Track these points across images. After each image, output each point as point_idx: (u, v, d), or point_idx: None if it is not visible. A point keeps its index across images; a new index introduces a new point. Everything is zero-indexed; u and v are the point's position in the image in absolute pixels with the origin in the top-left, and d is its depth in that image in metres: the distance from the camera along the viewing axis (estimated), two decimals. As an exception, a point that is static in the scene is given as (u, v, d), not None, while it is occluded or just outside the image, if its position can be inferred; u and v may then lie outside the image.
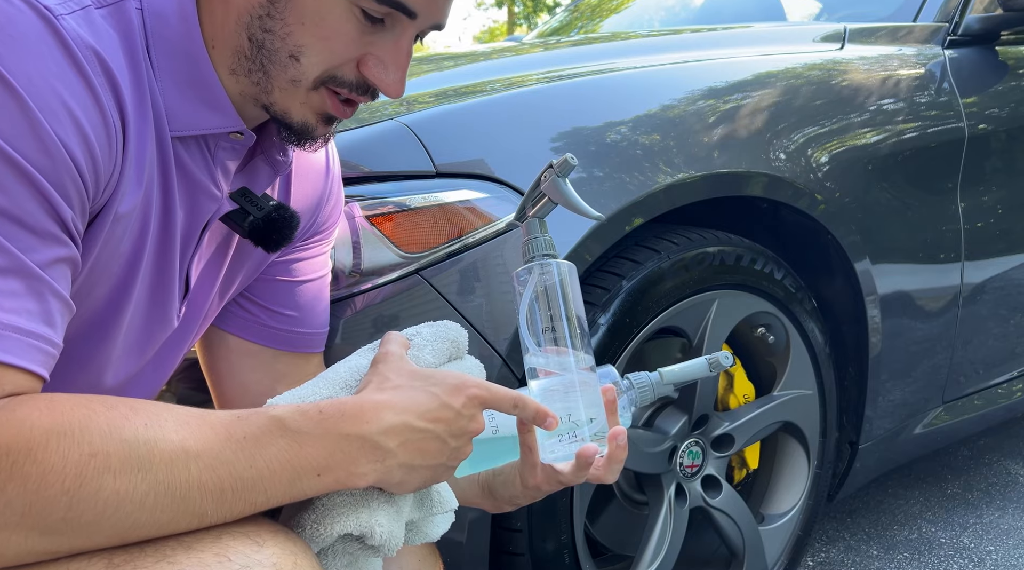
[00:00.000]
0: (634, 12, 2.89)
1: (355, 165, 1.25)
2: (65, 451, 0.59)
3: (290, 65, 0.76)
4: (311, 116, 0.80)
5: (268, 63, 0.76)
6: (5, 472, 0.57)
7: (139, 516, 0.62)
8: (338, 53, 0.76)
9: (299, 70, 0.76)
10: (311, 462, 0.68)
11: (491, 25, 30.56)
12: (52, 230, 0.64)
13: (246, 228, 0.85)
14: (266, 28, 0.75)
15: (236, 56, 0.77)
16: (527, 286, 0.83)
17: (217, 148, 0.80)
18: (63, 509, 0.59)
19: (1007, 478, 2.40)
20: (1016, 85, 2.01)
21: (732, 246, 1.47)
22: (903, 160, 1.73)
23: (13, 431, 0.58)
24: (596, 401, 0.82)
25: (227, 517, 0.66)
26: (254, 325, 1.00)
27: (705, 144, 1.43)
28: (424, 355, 0.83)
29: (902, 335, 1.74)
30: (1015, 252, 1.97)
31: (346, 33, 0.75)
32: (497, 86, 1.46)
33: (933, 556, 1.97)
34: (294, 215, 0.88)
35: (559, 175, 0.85)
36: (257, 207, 0.85)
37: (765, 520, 1.65)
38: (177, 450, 0.63)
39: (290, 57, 0.76)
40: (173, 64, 0.75)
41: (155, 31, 0.74)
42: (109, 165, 0.69)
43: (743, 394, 1.63)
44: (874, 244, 1.65)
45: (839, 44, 1.85)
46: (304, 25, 0.74)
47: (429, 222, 1.22)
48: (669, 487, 1.46)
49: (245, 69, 0.77)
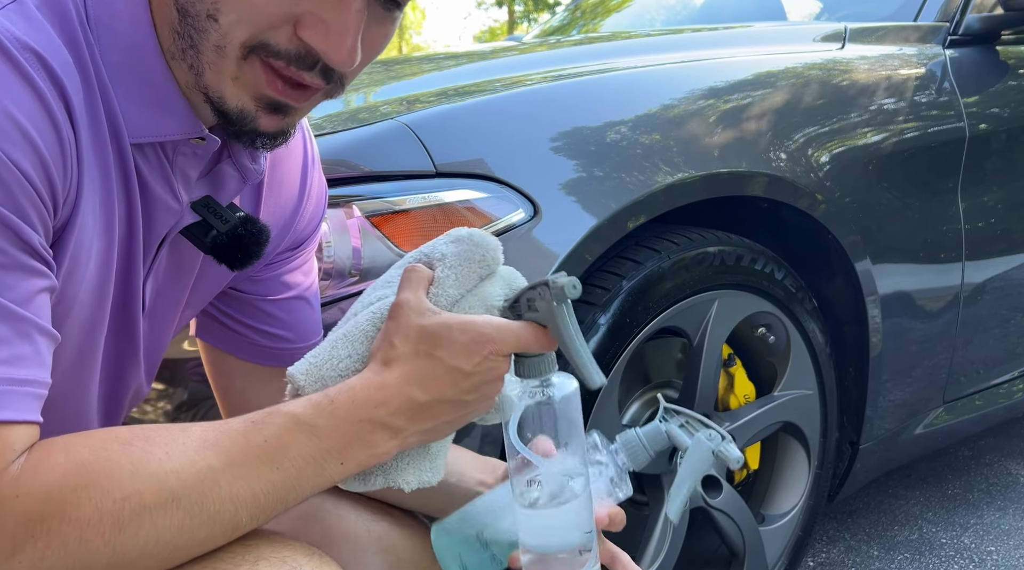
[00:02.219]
0: (634, 12, 2.89)
1: (355, 165, 1.25)
2: (98, 503, 0.57)
3: (210, 28, 0.64)
4: (247, 100, 0.67)
5: (193, 32, 0.65)
6: (43, 540, 0.56)
7: (178, 542, 0.61)
8: (262, 9, 0.63)
9: (220, 33, 0.64)
10: (333, 452, 0.67)
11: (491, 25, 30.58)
12: (23, 261, 0.58)
13: (208, 244, 0.77)
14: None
15: (172, 35, 0.66)
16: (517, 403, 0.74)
17: (176, 154, 0.71)
18: (107, 557, 0.58)
19: (1008, 478, 2.40)
20: (1017, 85, 2.01)
21: (732, 246, 1.47)
22: (904, 160, 1.72)
23: (41, 497, 0.56)
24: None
25: (262, 521, 0.66)
26: (248, 345, 0.94)
27: (705, 144, 1.43)
28: (446, 289, 0.75)
29: (903, 335, 1.73)
30: (1015, 252, 1.97)
31: None
32: (497, 86, 1.46)
33: (934, 556, 1.97)
34: (263, 230, 0.78)
35: (556, 301, 0.69)
36: (222, 220, 0.76)
37: (765, 520, 1.65)
38: (204, 471, 0.61)
39: (208, 17, 0.64)
40: (122, 59, 0.65)
41: (99, 20, 0.64)
42: (65, 179, 0.62)
43: (743, 394, 1.63)
44: (875, 244, 1.64)
45: (840, 44, 1.85)
46: None
47: (429, 222, 1.22)
48: (669, 487, 1.46)
49: (180, 48, 0.66)
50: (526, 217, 1.25)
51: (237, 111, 0.68)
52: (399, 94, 1.49)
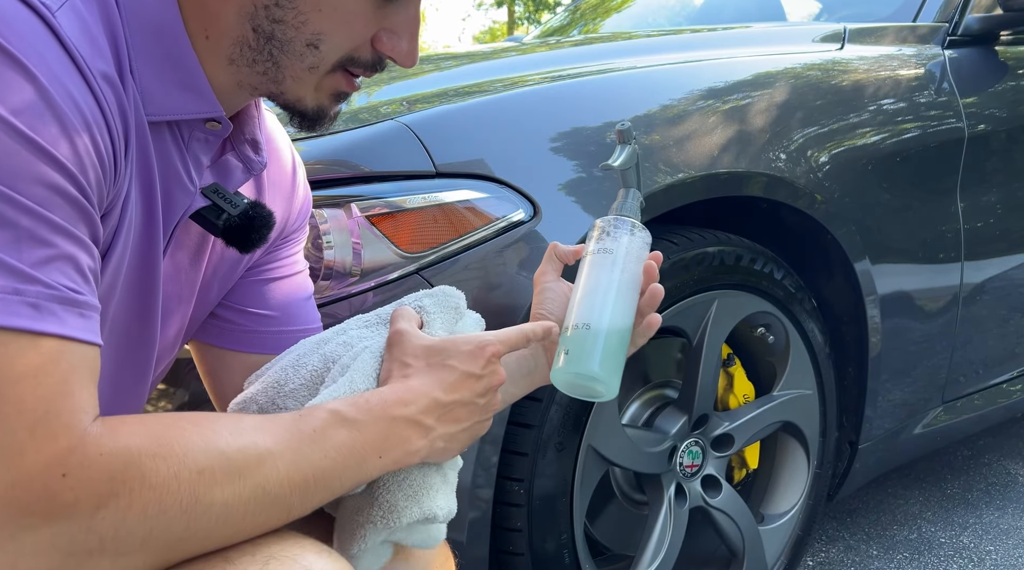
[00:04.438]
0: (634, 12, 2.89)
1: (355, 165, 1.25)
2: (176, 472, 0.60)
3: (308, 53, 0.73)
4: (325, 99, 0.77)
5: (280, 53, 0.73)
6: (125, 500, 0.58)
7: (242, 521, 0.64)
8: (358, 34, 0.74)
9: (318, 57, 0.74)
10: (372, 446, 0.73)
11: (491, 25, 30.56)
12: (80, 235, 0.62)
13: (220, 226, 0.80)
14: (275, 18, 0.72)
15: (237, 46, 0.73)
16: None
17: (191, 138, 0.76)
18: (182, 528, 0.61)
19: (1007, 478, 2.40)
20: (1016, 85, 2.01)
21: (732, 246, 1.47)
22: (903, 160, 1.73)
23: (123, 458, 0.58)
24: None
25: (309, 508, 0.70)
26: (238, 333, 0.96)
27: (705, 144, 1.43)
28: (435, 329, 0.86)
29: (902, 335, 1.74)
30: (1015, 252, 1.97)
31: (364, 13, 0.73)
32: (497, 86, 1.46)
33: (933, 556, 1.97)
34: (271, 214, 0.83)
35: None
36: (232, 204, 0.80)
37: (765, 520, 1.65)
38: (264, 452, 0.65)
39: (308, 46, 0.73)
40: (147, 41, 0.70)
41: (128, 4, 0.69)
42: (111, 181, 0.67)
43: (743, 394, 1.63)
44: (874, 244, 1.65)
45: (839, 44, 1.85)
46: (321, 11, 0.72)
47: (429, 222, 1.22)
48: (669, 487, 1.46)
49: (249, 59, 0.73)
50: (526, 217, 1.26)
51: (316, 109, 0.77)
52: (399, 94, 1.49)
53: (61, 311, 0.58)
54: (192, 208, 0.79)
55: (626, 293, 0.91)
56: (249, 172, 0.84)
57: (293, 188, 0.96)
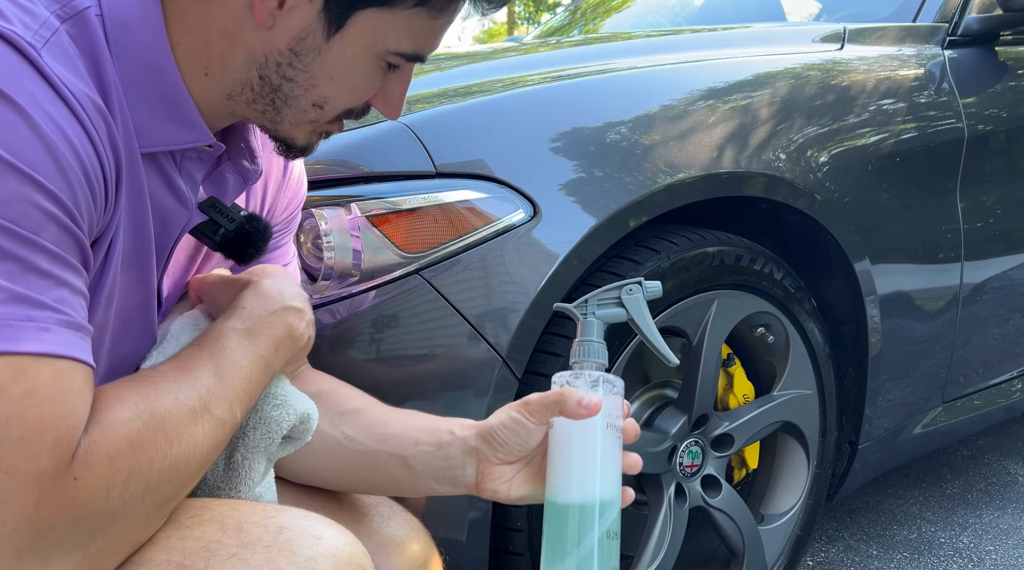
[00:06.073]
0: (634, 12, 2.89)
1: (355, 165, 1.25)
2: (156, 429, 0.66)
3: (311, 111, 0.77)
4: (314, 137, 0.82)
5: (283, 104, 0.76)
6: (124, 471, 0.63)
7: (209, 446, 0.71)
8: (361, 98, 0.79)
9: (321, 114, 0.78)
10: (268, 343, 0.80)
11: (491, 26, 30.58)
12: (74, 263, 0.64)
13: (217, 241, 0.84)
14: (286, 76, 0.74)
15: (239, 87, 0.75)
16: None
17: (184, 159, 0.77)
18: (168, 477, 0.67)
19: (1006, 478, 2.40)
20: (1016, 85, 2.01)
21: (732, 246, 1.47)
22: (903, 160, 1.73)
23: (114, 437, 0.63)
24: None
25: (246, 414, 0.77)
26: None
27: (705, 144, 1.43)
28: None
29: (902, 335, 1.74)
30: (1015, 252, 1.97)
31: (372, 83, 0.78)
32: (497, 86, 1.46)
33: (933, 556, 1.97)
34: (267, 226, 0.86)
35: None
36: (228, 218, 0.83)
37: (765, 520, 1.65)
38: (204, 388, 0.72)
39: (313, 106, 0.77)
40: (139, 76, 0.71)
41: (118, 41, 0.69)
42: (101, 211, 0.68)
43: (743, 394, 1.63)
44: (874, 244, 1.65)
45: (839, 44, 1.86)
46: (333, 80, 0.75)
47: (429, 222, 1.22)
48: (669, 487, 1.46)
49: (248, 99, 0.76)
50: (526, 217, 1.26)
51: (304, 145, 0.82)
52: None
53: (68, 334, 0.61)
54: (190, 224, 0.81)
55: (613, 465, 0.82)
56: (245, 181, 0.85)
57: (285, 175, 0.98)
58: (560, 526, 0.78)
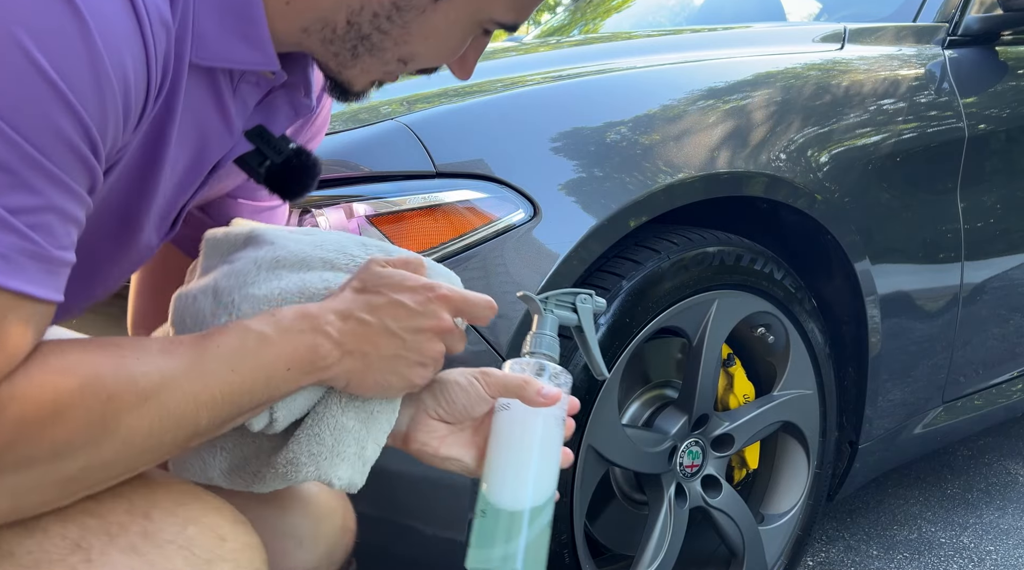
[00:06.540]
0: (634, 12, 2.89)
1: (355, 165, 1.25)
2: (89, 403, 0.60)
3: (394, 64, 0.73)
4: (371, 86, 0.77)
5: (366, 53, 0.72)
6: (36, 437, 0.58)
7: (148, 443, 0.64)
8: (447, 60, 0.75)
9: (402, 69, 0.74)
10: (279, 357, 0.69)
11: (491, 25, 30.55)
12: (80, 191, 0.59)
13: (263, 174, 0.78)
14: (381, 28, 0.70)
15: (320, 24, 0.70)
16: None
17: (242, 81, 0.72)
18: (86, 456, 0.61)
19: (1007, 478, 2.40)
20: (1016, 85, 2.01)
21: (732, 246, 1.47)
22: (903, 160, 1.73)
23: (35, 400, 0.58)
24: None
25: (219, 426, 0.68)
26: None
27: (705, 144, 1.43)
28: None
29: (902, 335, 1.74)
30: (1015, 252, 1.97)
31: (462, 47, 0.74)
32: (497, 86, 1.46)
33: (933, 556, 1.97)
34: (316, 162, 0.80)
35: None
36: (276, 151, 0.77)
37: (765, 520, 1.65)
38: (169, 373, 0.64)
39: (399, 60, 0.73)
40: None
41: None
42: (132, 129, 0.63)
43: (743, 394, 1.63)
44: (874, 244, 1.65)
45: (839, 44, 1.85)
46: (428, 40, 0.72)
47: (429, 222, 1.22)
48: (669, 487, 1.46)
49: (325, 38, 0.71)
50: (526, 217, 1.26)
51: (360, 91, 0.76)
52: (399, 94, 1.49)
53: (30, 266, 0.56)
54: (235, 152, 0.76)
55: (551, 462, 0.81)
56: (297, 115, 0.80)
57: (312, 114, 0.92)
58: (492, 523, 0.79)
